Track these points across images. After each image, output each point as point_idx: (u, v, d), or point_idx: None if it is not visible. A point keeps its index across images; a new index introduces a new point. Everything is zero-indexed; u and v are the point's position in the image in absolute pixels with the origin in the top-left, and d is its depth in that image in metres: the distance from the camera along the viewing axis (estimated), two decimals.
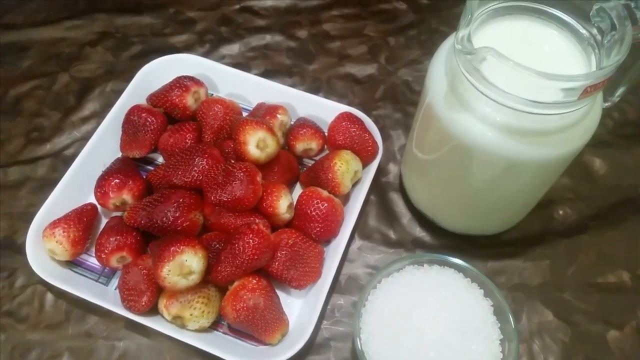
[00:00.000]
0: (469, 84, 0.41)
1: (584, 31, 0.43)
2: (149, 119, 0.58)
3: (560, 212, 0.60)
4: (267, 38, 0.73)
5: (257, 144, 0.53)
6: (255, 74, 0.66)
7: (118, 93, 0.63)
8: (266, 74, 0.70)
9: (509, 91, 0.39)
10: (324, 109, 0.62)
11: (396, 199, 0.61)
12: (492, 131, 0.42)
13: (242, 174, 0.51)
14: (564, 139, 0.42)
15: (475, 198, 0.51)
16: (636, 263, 0.57)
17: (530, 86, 0.37)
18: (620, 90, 0.48)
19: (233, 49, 0.73)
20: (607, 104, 0.48)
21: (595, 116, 0.44)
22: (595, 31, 0.42)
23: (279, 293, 0.53)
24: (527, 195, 0.52)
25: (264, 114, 0.59)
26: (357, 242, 0.58)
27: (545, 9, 0.44)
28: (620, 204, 0.61)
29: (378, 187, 0.62)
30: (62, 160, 0.63)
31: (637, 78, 0.47)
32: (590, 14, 0.42)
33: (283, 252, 0.52)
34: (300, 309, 0.53)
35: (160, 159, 0.62)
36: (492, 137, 0.42)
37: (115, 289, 0.53)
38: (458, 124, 0.43)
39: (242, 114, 0.62)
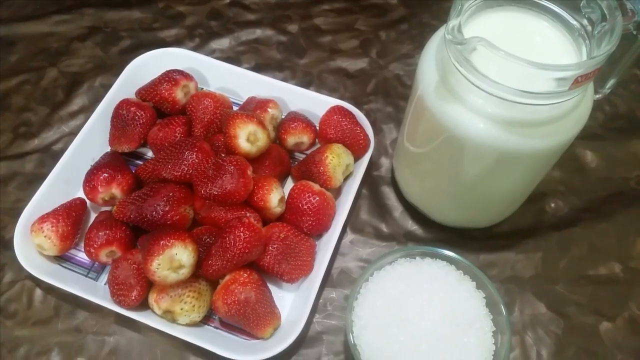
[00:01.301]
0: (460, 75, 0.41)
1: (574, 22, 0.43)
2: (138, 113, 0.58)
3: (552, 204, 0.60)
4: (258, 32, 0.73)
5: (247, 137, 0.53)
6: (246, 68, 0.65)
7: (107, 87, 0.62)
8: (257, 68, 0.69)
9: (500, 82, 0.38)
10: (315, 103, 0.61)
11: (388, 193, 0.61)
12: (483, 122, 0.42)
13: (232, 168, 0.50)
14: (556, 129, 0.42)
15: (467, 191, 0.51)
16: (628, 255, 0.57)
17: (522, 76, 0.37)
18: (610, 82, 0.48)
19: (223, 43, 0.72)
20: (598, 96, 0.48)
21: (586, 107, 0.44)
22: (585, 22, 0.42)
23: (271, 287, 0.53)
24: (519, 187, 0.52)
25: (254, 108, 0.59)
26: (349, 236, 0.58)
27: (536, 0, 0.44)
28: (611, 197, 0.61)
29: (370, 181, 0.61)
30: (51, 155, 0.62)
31: (627, 70, 0.47)
32: (581, 4, 0.42)
33: (274, 246, 0.51)
34: (292, 302, 0.53)
35: (149, 154, 0.61)
36: (483, 129, 0.42)
37: (104, 284, 0.53)
38: (449, 116, 0.43)
39: (232, 108, 0.61)
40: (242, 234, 0.48)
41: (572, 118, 0.43)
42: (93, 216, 0.56)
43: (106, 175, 0.54)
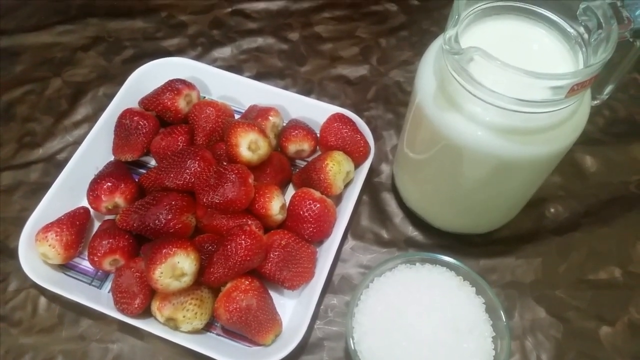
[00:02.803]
0: (457, 84, 0.41)
1: (571, 30, 0.43)
2: (141, 122, 0.58)
3: (552, 209, 0.60)
4: (259, 41, 0.74)
5: (249, 145, 0.53)
6: (247, 77, 0.66)
7: (110, 97, 0.63)
8: (258, 77, 0.70)
9: (497, 90, 0.39)
10: (315, 111, 0.62)
11: (388, 199, 0.61)
12: (481, 130, 0.42)
13: (234, 176, 0.51)
14: (553, 136, 0.43)
15: (466, 197, 0.51)
16: (627, 259, 0.57)
17: (518, 85, 0.38)
18: (608, 88, 0.49)
19: (225, 52, 0.73)
20: (595, 102, 0.48)
21: (583, 114, 0.44)
22: (582, 30, 0.42)
23: (272, 294, 0.53)
24: (518, 193, 0.52)
25: (256, 116, 0.60)
26: (350, 242, 0.58)
27: (533, 8, 0.44)
28: (611, 201, 0.61)
29: (370, 188, 0.62)
30: (55, 165, 0.63)
31: (625, 76, 0.48)
32: (577, 12, 0.42)
33: (276, 253, 0.52)
34: (294, 309, 0.53)
35: (152, 162, 0.62)
36: (481, 137, 0.42)
37: (108, 292, 0.53)
38: (448, 124, 0.43)
39: (234, 117, 0.62)
40: (243, 241, 0.49)
41: (570, 125, 0.43)
42: (97, 225, 0.57)
43: (110, 184, 0.54)
